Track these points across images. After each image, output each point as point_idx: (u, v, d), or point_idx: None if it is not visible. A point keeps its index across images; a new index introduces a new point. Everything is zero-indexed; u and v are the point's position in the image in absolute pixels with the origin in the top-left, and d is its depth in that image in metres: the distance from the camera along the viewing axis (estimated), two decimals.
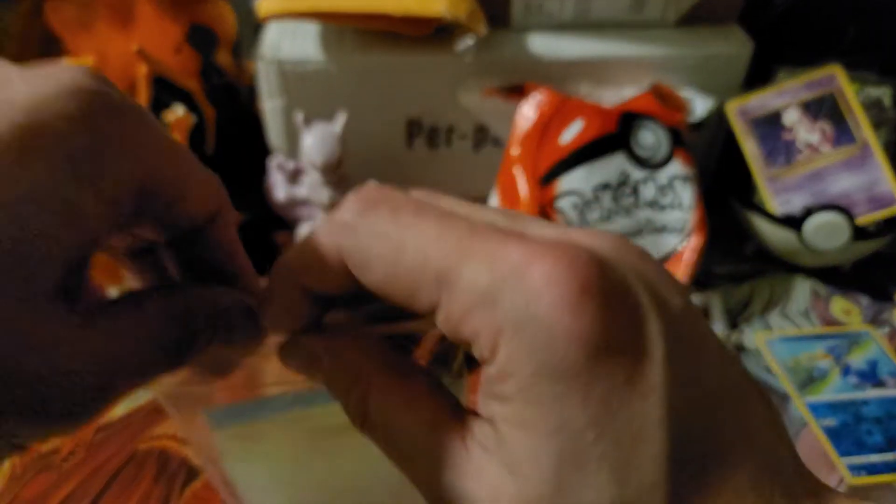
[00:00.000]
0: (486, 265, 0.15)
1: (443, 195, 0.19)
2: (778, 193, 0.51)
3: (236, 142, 0.56)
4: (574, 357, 0.14)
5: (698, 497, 0.14)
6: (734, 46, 0.52)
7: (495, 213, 0.18)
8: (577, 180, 0.46)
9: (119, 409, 0.43)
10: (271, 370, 0.22)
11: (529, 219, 0.18)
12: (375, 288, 0.16)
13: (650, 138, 0.48)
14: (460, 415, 0.17)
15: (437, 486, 0.16)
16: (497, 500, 0.15)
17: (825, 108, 0.51)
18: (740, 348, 0.48)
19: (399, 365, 0.18)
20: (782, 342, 0.48)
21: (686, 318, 0.16)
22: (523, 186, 0.47)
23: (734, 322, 0.50)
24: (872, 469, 0.39)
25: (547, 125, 0.47)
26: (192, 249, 0.20)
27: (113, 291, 0.23)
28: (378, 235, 0.16)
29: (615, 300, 0.14)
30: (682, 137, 0.49)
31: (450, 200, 0.18)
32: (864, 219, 0.49)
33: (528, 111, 0.48)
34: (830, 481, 0.40)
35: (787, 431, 0.17)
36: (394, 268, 0.16)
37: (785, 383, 0.44)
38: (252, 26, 0.57)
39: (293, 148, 0.52)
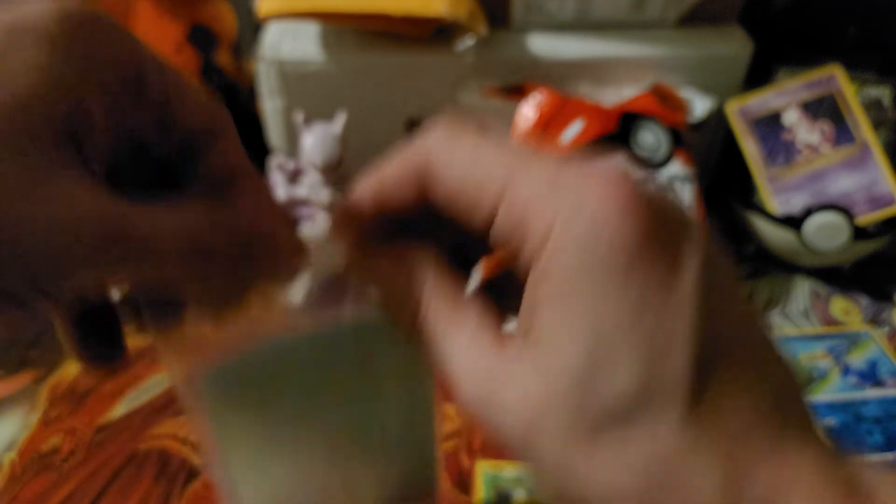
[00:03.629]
0: (551, 166, 0.17)
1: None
2: (778, 193, 0.51)
3: None
4: (616, 253, 0.15)
5: (711, 393, 0.15)
6: (734, 46, 0.52)
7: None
8: None
9: (119, 409, 0.43)
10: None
11: None
12: (445, 196, 0.18)
13: (650, 138, 0.48)
14: (500, 335, 0.18)
15: (476, 398, 0.17)
16: (524, 401, 0.16)
17: (825, 108, 0.51)
18: None
19: (451, 285, 0.19)
20: (782, 342, 0.48)
21: (720, 258, 0.17)
22: None
23: None
24: None
25: (547, 125, 0.47)
26: (197, 166, 0.20)
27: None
28: (462, 144, 0.18)
29: (663, 215, 0.16)
30: (682, 137, 0.49)
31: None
32: (864, 219, 0.49)
33: (528, 111, 0.48)
34: None
35: (792, 377, 0.18)
36: (468, 172, 0.18)
37: None
38: (252, 26, 0.57)
39: (293, 148, 0.52)
